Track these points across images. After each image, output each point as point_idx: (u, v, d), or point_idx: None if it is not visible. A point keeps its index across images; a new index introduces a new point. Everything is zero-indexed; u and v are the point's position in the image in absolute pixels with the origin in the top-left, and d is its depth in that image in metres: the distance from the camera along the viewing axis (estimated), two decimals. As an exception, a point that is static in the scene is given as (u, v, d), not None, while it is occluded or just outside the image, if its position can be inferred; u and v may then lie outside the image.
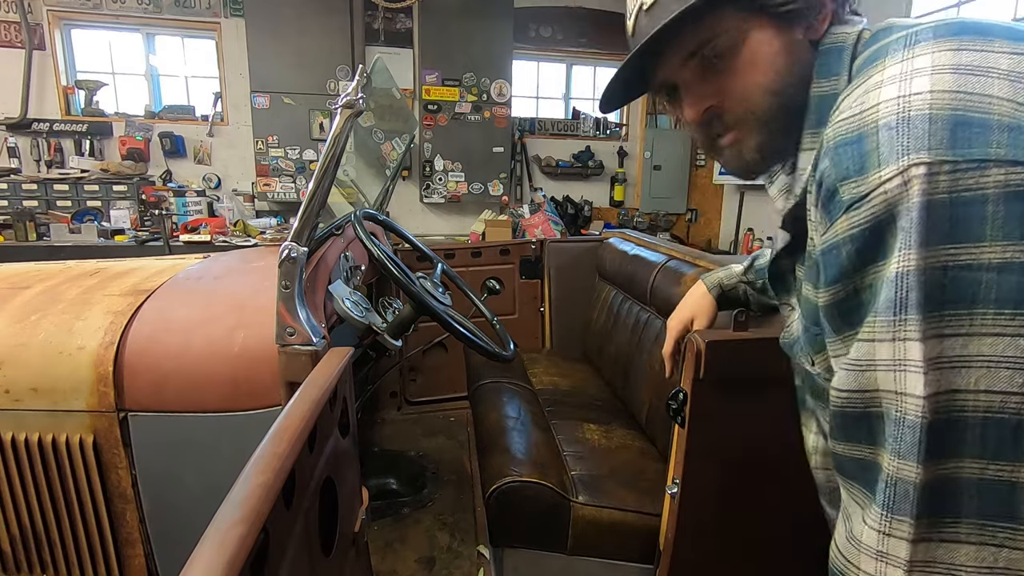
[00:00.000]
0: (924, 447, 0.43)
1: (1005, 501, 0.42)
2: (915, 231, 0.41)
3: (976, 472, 0.42)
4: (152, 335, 0.99)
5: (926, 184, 0.41)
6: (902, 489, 0.44)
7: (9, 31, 3.96)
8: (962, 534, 0.43)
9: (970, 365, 0.41)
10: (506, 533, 1.30)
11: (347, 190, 2.03)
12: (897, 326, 0.43)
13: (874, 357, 0.45)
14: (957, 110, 0.41)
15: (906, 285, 0.42)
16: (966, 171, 0.40)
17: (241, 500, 0.48)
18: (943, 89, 0.42)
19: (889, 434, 0.45)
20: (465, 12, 4.35)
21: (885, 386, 0.45)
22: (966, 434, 0.42)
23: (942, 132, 0.41)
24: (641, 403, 1.67)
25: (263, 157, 4.23)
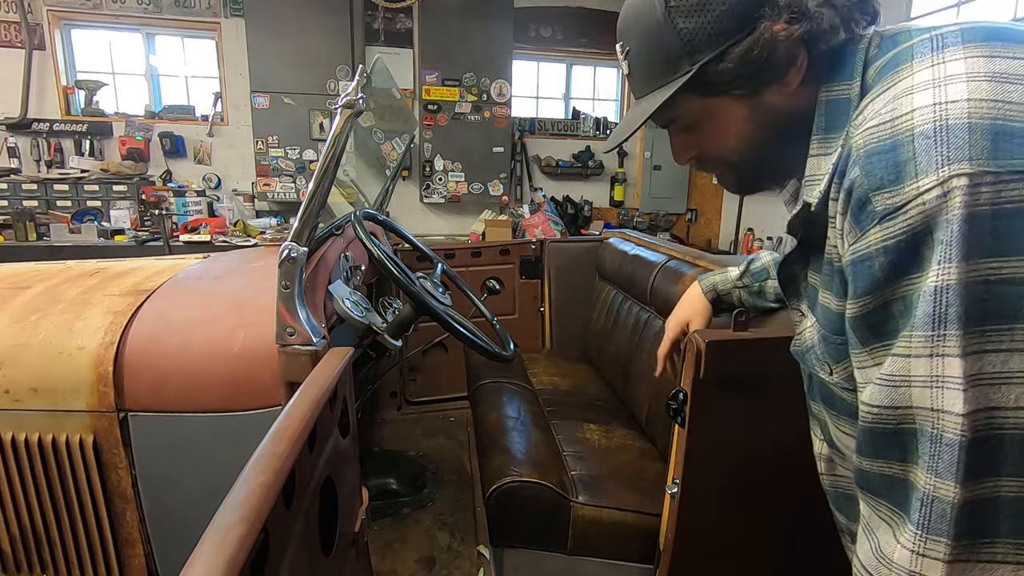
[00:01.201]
0: (963, 466, 0.42)
1: None
2: (956, 244, 0.40)
3: (1015, 491, 0.42)
4: (152, 335, 0.99)
5: (968, 196, 0.39)
6: (939, 509, 0.43)
7: (9, 31, 3.96)
8: (999, 554, 0.42)
9: (1010, 382, 0.40)
10: (506, 533, 1.30)
11: (347, 190, 2.03)
12: (936, 342, 0.42)
13: (910, 373, 0.44)
14: (997, 119, 0.40)
15: (946, 300, 0.41)
16: (1009, 182, 0.39)
17: (241, 500, 0.48)
18: (981, 97, 0.41)
19: (924, 452, 0.44)
20: (465, 12, 4.35)
21: (921, 403, 0.44)
22: (1005, 452, 0.41)
23: (983, 142, 0.40)
24: (641, 403, 1.67)
25: (263, 157, 4.23)
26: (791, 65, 0.55)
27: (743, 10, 0.52)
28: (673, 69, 0.57)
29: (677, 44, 0.56)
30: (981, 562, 0.43)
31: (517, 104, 4.86)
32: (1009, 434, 0.41)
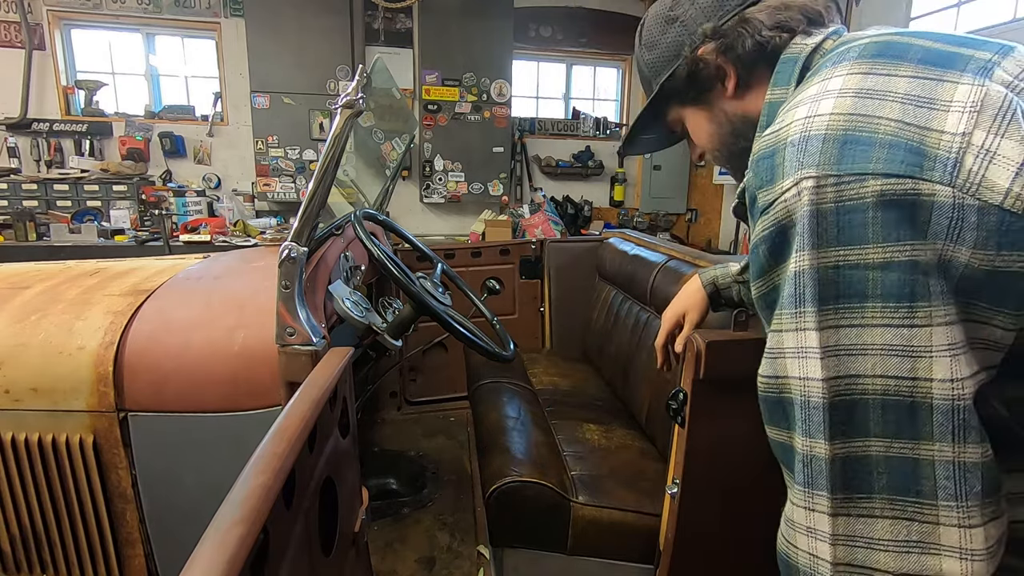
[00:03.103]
0: (829, 425, 0.47)
1: (911, 477, 0.45)
2: (807, 235, 0.47)
3: (882, 450, 0.46)
4: (152, 335, 0.99)
5: (814, 195, 0.46)
6: (816, 466, 0.48)
7: (9, 31, 3.96)
8: (876, 509, 0.46)
9: (866, 352, 0.46)
10: (506, 533, 1.30)
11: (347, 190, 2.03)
12: (798, 318, 0.49)
13: (783, 346, 0.51)
14: (848, 131, 0.46)
15: (802, 282, 0.48)
16: (848, 183, 0.45)
17: (241, 500, 0.48)
18: (841, 112, 0.48)
19: (798, 417, 0.50)
20: (465, 12, 4.35)
21: (792, 373, 0.50)
22: (868, 414, 0.46)
23: (832, 150, 0.46)
24: (641, 403, 1.67)
25: (263, 157, 4.23)
26: (722, 77, 0.68)
27: (675, 44, 0.69)
28: (650, 89, 0.76)
29: (646, 71, 0.75)
30: (863, 516, 0.47)
31: (517, 104, 4.86)
32: (870, 399, 0.46)
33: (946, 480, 0.45)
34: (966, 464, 0.44)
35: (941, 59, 0.49)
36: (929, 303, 0.44)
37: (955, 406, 0.44)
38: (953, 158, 0.43)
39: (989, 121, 0.44)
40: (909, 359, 0.44)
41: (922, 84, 0.47)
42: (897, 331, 0.44)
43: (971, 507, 0.44)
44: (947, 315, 0.44)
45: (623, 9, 4.96)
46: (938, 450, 0.45)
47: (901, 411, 0.45)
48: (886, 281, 0.44)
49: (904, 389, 0.45)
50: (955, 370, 0.44)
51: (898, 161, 0.44)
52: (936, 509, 0.45)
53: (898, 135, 0.45)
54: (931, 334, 0.44)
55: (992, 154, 0.43)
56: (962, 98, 0.45)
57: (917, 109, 0.45)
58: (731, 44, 0.65)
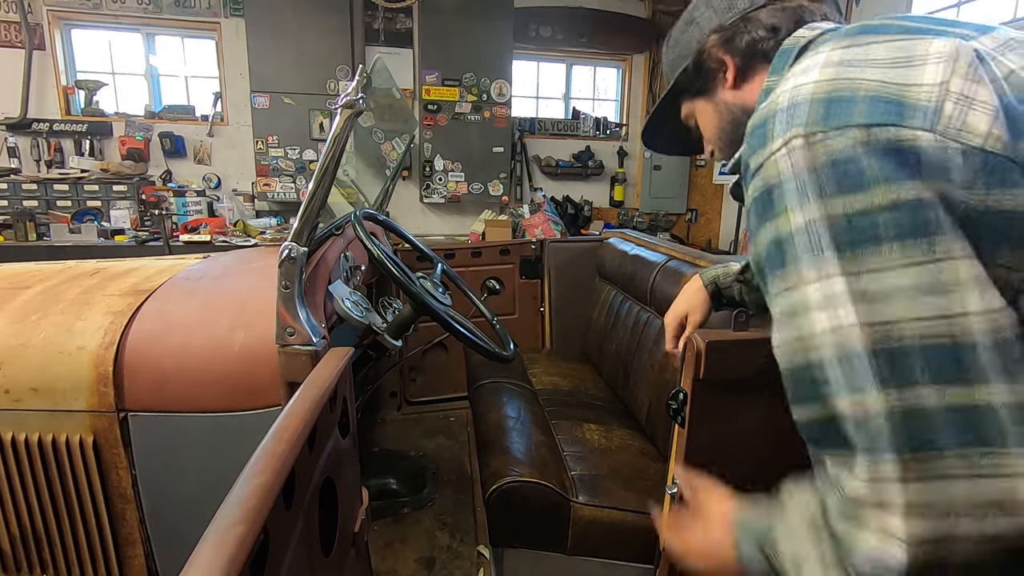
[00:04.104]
0: (877, 372, 0.44)
1: (976, 426, 0.42)
2: (809, 187, 0.48)
3: (938, 400, 0.43)
4: (152, 335, 0.99)
5: (806, 151, 0.48)
6: (874, 426, 0.44)
7: (9, 31, 3.96)
8: (949, 468, 0.42)
9: (895, 297, 0.44)
10: (506, 533, 1.30)
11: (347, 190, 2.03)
12: (820, 267, 0.47)
13: (806, 300, 0.48)
14: (831, 92, 0.49)
15: (815, 231, 0.47)
16: (834, 137, 0.47)
17: (241, 500, 0.48)
18: (824, 79, 0.51)
19: (837, 376, 0.46)
20: (465, 12, 4.35)
21: (820, 327, 0.47)
22: (914, 362, 0.43)
23: (818, 109, 0.49)
24: (641, 403, 1.67)
25: (263, 157, 4.23)
26: (723, 68, 0.74)
27: (690, 41, 0.77)
28: (670, 82, 0.83)
29: (667, 68, 0.83)
30: (935, 478, 0.42)
31: (517, 104, 4.86)
32: (911, 344, 0.43)
33: (1015, 425, 0.42)
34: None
35: (919, 30, 0.52)
36: (945, 236, 0.44)
37: (997, 339, 0.42)
38: (933, 106, 0.45)
39: (965, 68, 0.47)
40: (941, 296, 0.43)
41: (900, 46, 0.50)
42: (921, 268, 0.44)
43: None
44: (964, 249, 0.44)
45: (623, 9, 4.96)
46: (996, 392, 0.42)
47: (945, 354, 0.43)
48: (899, 220, 0.44)
49: (943, 329, 0.43)
50: (989, 301, 0.43)
51: (879, 112, 0.46)
52: (1010, 458, 0.41)
53: (879, 91, 0.47)
54: (957, 267, 0.43)
55: (970, 100, 0.46)
56: (938, 50, 0.48)
57: (896, 69, 0.48)
58: (730, 37, 0.72)
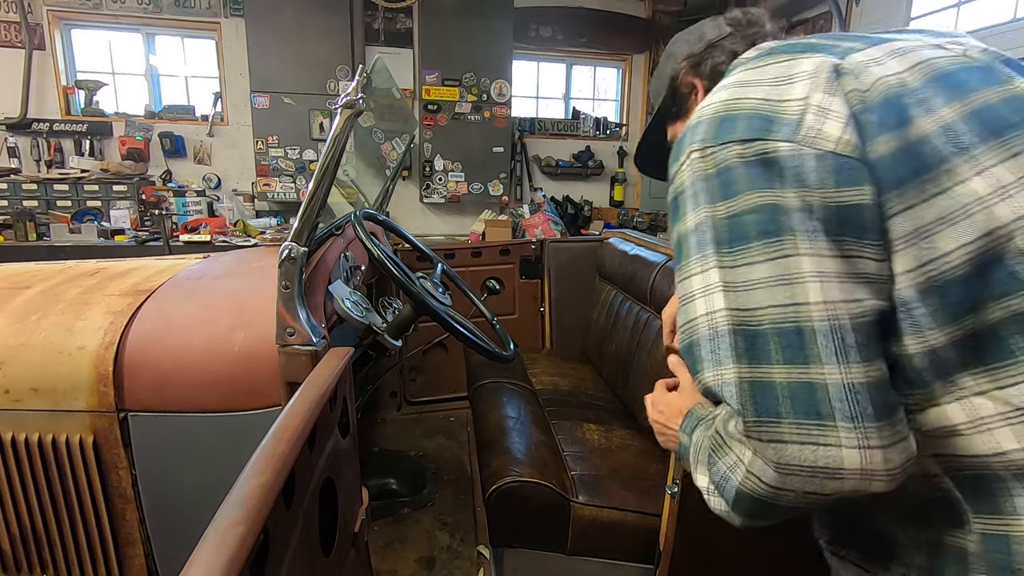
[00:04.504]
0: (735, 350, 0.52)
1: (811, 401, 0.49)
2: (702, 195, 0.56)
3: (783, 376, 0.50)
4: (152, 335, 0.99)
5: (700, 163, 0.57)
6: (727, 392, 0.52)
7: (9, 31, 3.96)
8: (785, 434, 0.49)
9: (757, 287, 0.52)
10: (506, 533, 1.30)
11: (347, 190, 2.03)
12: (703, 260, 0.56)
13: (692, 289, 0.57)
14: (722, 112, 0.57)
15: (704, 230, 0.56)
16: (720, 150, 0.55)
17: (241, 500, 0.48)
18: (722, 100, 0.59)
19: (706, 352, 0.55)
20: (465, 12, 4.35)
21: (700, 311, 0.55)
22: (768, 344, 0.51)
23: (711, 127, 0.57)
24: (641, 403, 1.67)
25: (263, 157, 4.23)
26: (693, 91, 0.84)
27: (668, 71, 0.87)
28: (654, 109, 0.91)
29: (652, 96, 0.92)
30: (773, 441, 0.49)
31: (517, 104, 4.85)
32: (767, 328, 0.51)
33: (839, 402, 0.48)
34: (854, 385, 0.48)
35: (808, 48, 0.59)
36: (794, 235, 0.51)
37: (832, 326, 0.49)
38: (796, 119, 0.53)
39: (823, 83, 0.54)
40: (788, 286, 0.50)
41: (785, 66, 0.58)
42: (774, 263, 0.51)
43: (868, 428, 0.48)
44: (812, 247, 0.50)
45: (623, 9, 4.96)
46: (828, 372, 0.49)
47: (792, 336, 0.50)
48: (758, 221, 0.52)
49: (790, 315, 0.50)
50: (826, 293, 0.50)
51: (753, 128, 0.54)
52: (837, 431, 0.48)
53: (758, 109, 0.55)
54: (800, 262, 0.50)
55: (827, 110, 0.53)
56: (804, 68, 0.56)
57: (777, 87, 0.56)
58: (698, 63, 0.82)
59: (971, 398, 0.51)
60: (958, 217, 0.49)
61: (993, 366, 0.50)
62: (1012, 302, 0.49)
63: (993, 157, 0.50)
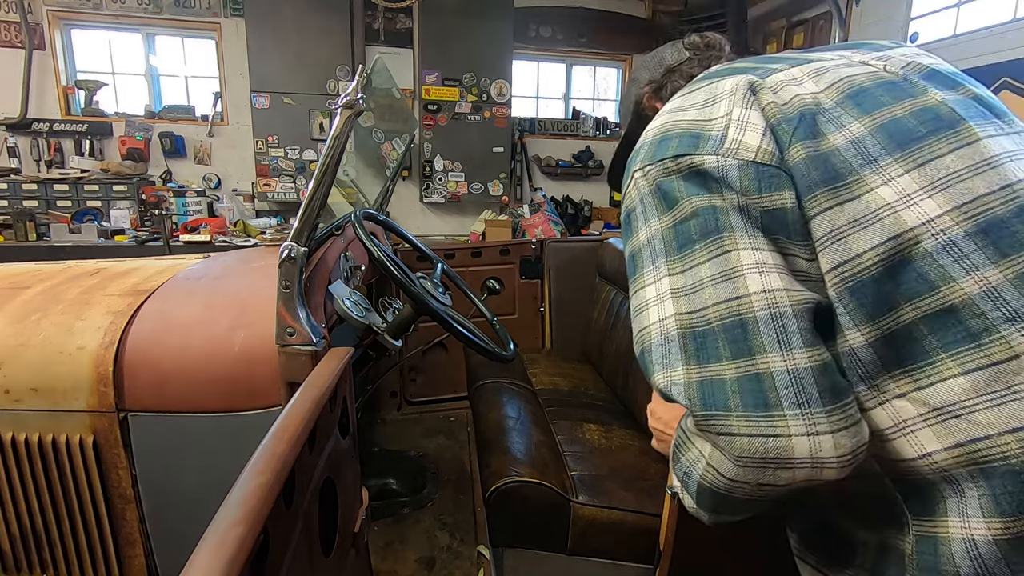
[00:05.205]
0: (684, 352, 0.54)
1: (758, 391, 0.49)
2: (649, 210, 0.60)
3: (732, 372, 0.51)
4: (152, 335, 0.99)
5: (643, 181, 0.61)
6: (675, 392, 0.53)
7: (9, 31, 3.96)
8: (734, 427, 0.50)
9: (703, 287, 0.54)
10: (506, 533, 1.30)
11: (347, 190, 2.03)
12: (655, 271, 0.58)
13: (645, 298, 0.59)
14: (662, 134, 0.62)
15: (653, 243, 0.59)
16: (657, 168, 0.60)
17: (241, 500, 0.48)
18: (662, 122, 0.63)
19: (657, 357, 0.56)
20: (465, 12, 4.35)
21: (653, 319, 0.57)
22: (717, 341, 0.52)
23: (652, 149, 0.62)
24: (641, 403, 1.67)
25: (263, 157, 4.23)
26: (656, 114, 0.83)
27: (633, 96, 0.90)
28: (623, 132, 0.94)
29: (621, 120, 0.96)
30: (724, 434, 0.50)
31: (517, 104, 4.86)
32: (715, 325, 0.53)
33: (785, 389, 0.49)
34: (798, 371, 0.49)
35: (735, 71, 0.64)
36: (733, 232, 0.54)
37: (772, 314, 0.51)
38: (720, 134, 0.58)
39: (741, 99, 0.59)
40: (730, 281, 0.53)
41: (711, 88, 0.63)
42: (716, 260, 0.54)
43: (815, 413, 0.48)
44: (750, 242, 0.54)
45: (623, 9, 4.96)
46: (772, 360, 0.49)
47: (737, 331, 0.51)
48: (698, 224, 0.56)
49: (733, 309, 0.52)
50: (765, 283, 0.52)
51: (683, 145, 0.59)
52: (785, 419, 0.48)
53: (688, 129, 0.60)
54: (739, 256, 0.53)
55: (746, 123, 0.57)
56: (725, 87, 0.61)
57: (704, 108, 0.61)
58: (659, 88, 0.85)
59: (892, 401, 0.52)
60: (868, 221, 0.52)
61: (911, 367, 0.51)
62: (923, 303, 0.50)
63: (899, 168, 0.53)
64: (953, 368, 0.49)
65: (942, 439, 0.49)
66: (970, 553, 0.47)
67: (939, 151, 0.53)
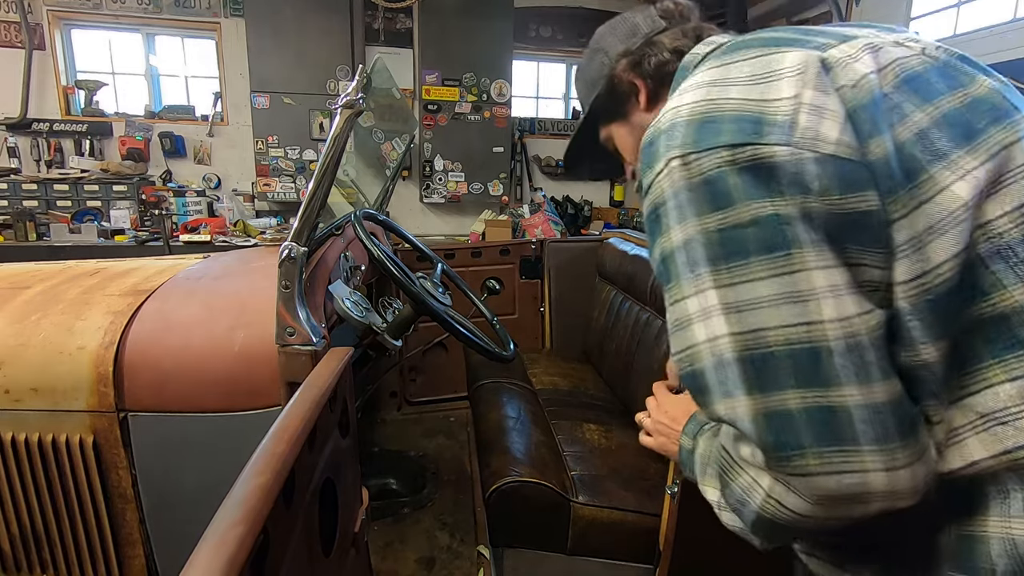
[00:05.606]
0: (745, 378, 0.48)
1: (831, 425, 0.45)
2: (688, 206, 0.51)
3: (799, 403, 0.46)
4: (152, 335, 0.99)
5: (683, 171, 0.51)
6: (743, 426, 0.48)
7: (9, 31, 3.96)
8: (809, 465, 0.46)
9: (761, 306, 0.48)
10: (506, 533, 1.30)
11: (347, 190, 2.03)
12: (696, 281, 0.50)
13: (687, 312, 0.52)
14: (704, 114, 0.52)
15: (693, 248, 0.50)
16: (706, 157, 0.50)
17: (241, 500, 0.48)
18: (699, 99, 0.53)
19: (714, 382, 0.50)
20: (465, 12, 4.35)
21: (699, 338, 0.51)
22: (779, 367, 0.47)
23: (691, 132, 0.52)
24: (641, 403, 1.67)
25: (263, 157, 4.23)
26: (635, 92, 0.76)
27: (599, 68, 0.79)
28: (585, 109, 0.84)
29: (581, 96, 0.86)
30: (796, 475, 0.46)
31: (517, 104, 4.86)
32: (776, 350, 0.47)
33: (863, 424, 0.45)
34: (877, 405, 0.45)
35: (780, 42, 0.55)
36: (801, 249, 0.47)
37: (849, 344, 0.46)
38: (788, 119, 0.48)
39: (814, 79, 0.50)
40: (799, 304, 0.47)
41: (760, 62, 0.53)
42: (781, 279, 0.47)
43: (894, 448, 0.45)
44: (821, 259, 0.47)
45: (623, 9, 4.94)
46: (849, 394, 0.45)
47: (805, 358, 0.46)
48: (759, 235, 0.48)
49: (803, 335, 0.46)
50: (841, 309, 0.46)
51: (741, 132, 0.49)
52: (862, 456, 0.45)
53: (740, 110, 0.50)
54: (810, 277, 0.47)
55: (821, 109, 0.49)
56: (790, 64, 0.51)
57: (756, 86, 0.52)
58: (638, 61, 0.75)
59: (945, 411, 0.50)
60: (947, 225, 0.47)
61: (961, 375, 0.49)
62: (976, 309, 0.48)
63: (972, 160, 0.48)
64: (1001, 375, 0.48)
65: (988, 447, 0.48)
66: (1008, 552, 0.47)
67: (1004, 141, 0.49)
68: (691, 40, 0.72)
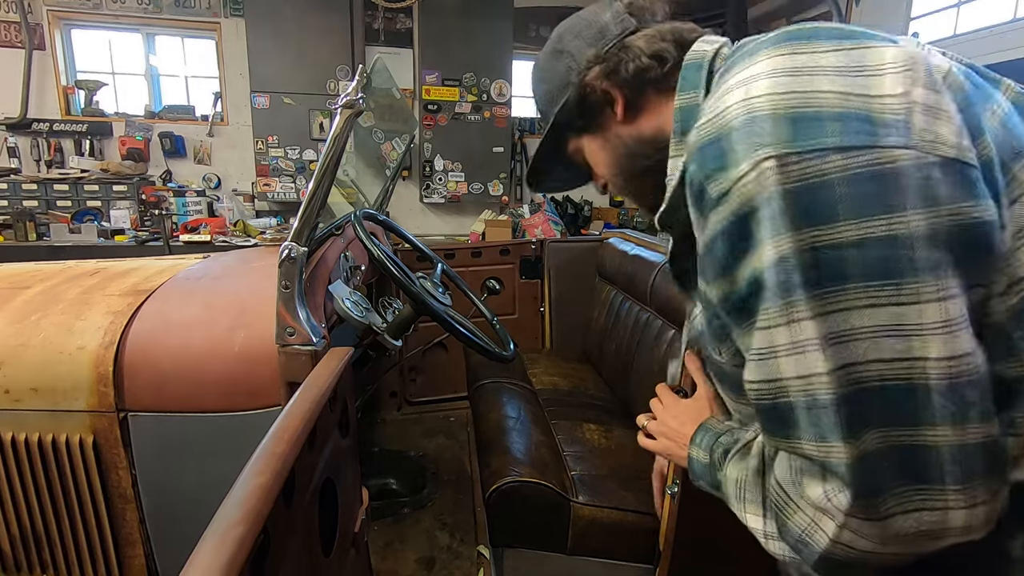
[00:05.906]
0: (840, 424, 0.44)
1: (914, 465, 0.43)
2: (781, 217, 0.44)
3: (879, 440, 0.43)
4: (152, 335, 0.99)
5: (780, 175, 0.44)
6: (835, 471, 0.45)
7: (9, 31, 3.96)
8: (891, 508, 0.43)
9: (857, 338, 0.43)
10: (506, 533, 1.30)
11: (347, 190, 2.03)
12: (788, 309, 0.44)
13: (774, 343, 0.46)
14: (794, 107, 0.44)
15: (787, 269, 0.44)
16: (811, 160, 0.43)
17: (241, 500, 0.48)
18: (778, 91, 0.46)
19: (805, 423, 0.46)
20: (465, 12, 4.35)
21: (788, 373, 0.46)
22: (873, 404, 0.43)
23: (784, 128, 0.44)
24: (641, 403, 1.67)
25: (263, 157, 4.23)
26: (610, 102, 0.68)
27: (564, 73, 0.69)
28: (546, 120, 0.74)
29: (542, 104, 0.76)
30: (874, 519, 0.44)
31: (517, 104, 4.85)
32: (868, 386, 0.43)
33: (951, 465, 0.42)
34: (968, 446, 0.42)
35: (851, 34, 0.49)
36: (916, 278, 0.41)
37: (953, 384, 0.42)
38: (902, 119, 0.43)
39: (924, 77, 0.45)
40: (902, 339, 0.42)
41: (846, 55, 0.46)
42: (884, 310, 0.42)
43: (977, 487, 0.43)
44: (940, 289, 0.42)
45: (623, 9, 4.95)
46: (941, 434, 0.42)
47: (899, 395, 0.42)
48: (864, 260, 0.42)
49: (901, 372, 0.42)
50: (952, 347, 0.42)
51: (852, 132, 0.43)
52: (944, 494, 0.42)
53: (843, 106, 0.44)
54: (921, 312, 0.41)
55: (935, 110, 0.44)
56: (892, 59, 0.45)
57: (850, 78, 0.45)
58: (614, 68, 0.66)
59: None
60: None
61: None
62: None
63: None
64: None
65: None
66: None
67: None
68: (670, 44, 0.65)
